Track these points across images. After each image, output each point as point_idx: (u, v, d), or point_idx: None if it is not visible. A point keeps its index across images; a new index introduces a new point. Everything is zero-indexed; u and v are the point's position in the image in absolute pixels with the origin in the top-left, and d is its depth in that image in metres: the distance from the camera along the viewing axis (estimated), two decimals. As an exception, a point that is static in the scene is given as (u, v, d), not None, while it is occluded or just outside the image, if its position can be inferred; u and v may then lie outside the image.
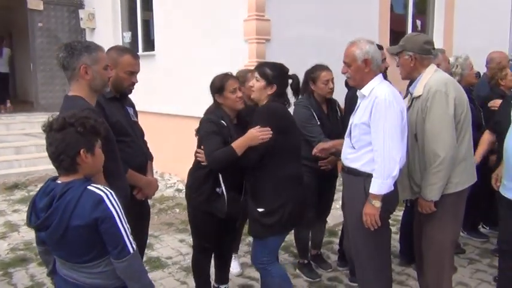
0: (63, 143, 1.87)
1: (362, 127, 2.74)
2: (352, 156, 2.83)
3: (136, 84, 2.90)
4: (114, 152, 2.38)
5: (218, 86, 3.13)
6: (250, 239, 4.43)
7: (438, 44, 8.31)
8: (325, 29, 6.30)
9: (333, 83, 3.76)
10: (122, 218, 1.89)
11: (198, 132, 3.21)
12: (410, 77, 3.01)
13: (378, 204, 2.68)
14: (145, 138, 3.12)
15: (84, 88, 2.36)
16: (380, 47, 3.97)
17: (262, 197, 2.89)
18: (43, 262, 2.23)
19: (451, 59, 4.31)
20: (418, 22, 8.62)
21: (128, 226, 1.92)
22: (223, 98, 3.13)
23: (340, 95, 3.90)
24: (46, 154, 2.10)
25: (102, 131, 2.00)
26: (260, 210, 2.87)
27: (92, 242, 1.89)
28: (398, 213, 4.23)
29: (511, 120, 3.10)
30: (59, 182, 1.94)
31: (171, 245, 4.78)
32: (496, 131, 3.59)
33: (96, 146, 1.97)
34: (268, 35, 6.08)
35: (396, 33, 8.08)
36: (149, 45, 8.43)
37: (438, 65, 3.85)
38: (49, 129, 1.91)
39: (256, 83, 2.98)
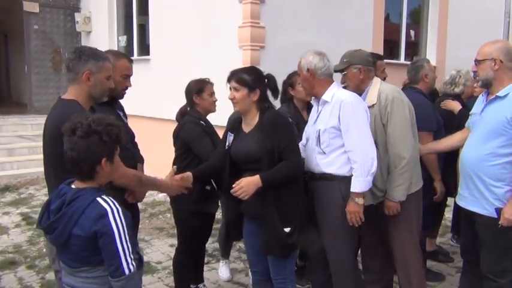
0: (86, 151, 1.82)
1: (331, 131, 2.81)
2: (324, 161, 2.86)
3: (130, 88, 2.92)
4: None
5: (198, 87, 3.37)
6: (241, 244, 4.46)
7: (432, 54, 8.41)
8: (320, 37, 6.34)
9: None
10: (122, 237, 1.83)
11: (180, 134, 3.32)
12: (359, 89, 3.09)
13: (361, 201, 2.79)
14: (139, 142, 3.14)
15: (82, 93, 2.38)
16: (380, 57, 4.03)
17: (289, 217, 2.75)
18: (50, 260, 2.24)
19: (453, 72, 4.33)
20: (412, 32, 8.70)
21: (129, 245, 1.86)
22: (201, 99, 3.38)
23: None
24: (38, 156, 2.11)
25: (124, 139, 1.98)
26: (287, 230, 2.72)
27: (92, 252, 1.85)
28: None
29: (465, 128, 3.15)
30: (73, 186, 1.91)
31: (162, 249, 4.78)
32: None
33: (115, 154, 1.95)
34: (263, 42, 6.12)
35: (390, 42, 8.16)
36: (144, 49, 8.45)
37: (426, 75, 3.91)
38: (71, 133, 1.84)
39: (238, 93, 2.76)
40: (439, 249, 4.66)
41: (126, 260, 1.84)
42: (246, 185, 2.64)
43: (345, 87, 3.10)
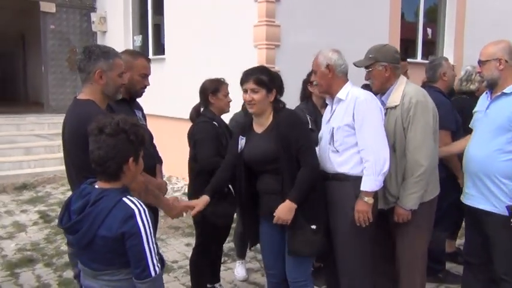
0: (114, 149, 1.81)
1: (345, 129, 2.76)
2: (337, 160, 2.81)
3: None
4: None
5: (214, 86, 3.37)
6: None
7: (449, 52, 8.29)
8: (335, 35, 6.29)
9: None
10: (149, 238, 1.82)
11: (193, 134, 3.33)
12: (384, 88, 2.99)
13: (370, 201, 2.73)
14: (154, 141, 3.14)
15: (96, 92, 2.39)
16: (403, 59, 3.96)
17: (316, 214, 2.75)
18: (71, 264, 2.22)
19: (468, 68, 4.23)
20: (429, 31, 8.59)
21: (155, 247, 1.85)
22: (217, 99, 3.37)
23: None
24: (55, 155, 2.11)
25: (147, 141, 1.97)
26: (313, 227, 2.73)
27: (117, 253, 1.83)
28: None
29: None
30: (96, 186, 1.89)
31: (177, 248, 4.79)
32: None
33: (140, 155, 1.94)
34: (278, 41, 6.10)
35: (406, 41, 8.07)
36: (159, 49, 8.48)
37: (444, 74, 3.85)
38: (99, 132, 1.83)
39: (257, 95, 2.72)
40: (459, 251, 4.58)
41: (153, 262, 1.83)
42: (283, 214, 2.66)
43: (366, 86, 3.05)
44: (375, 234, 2.87)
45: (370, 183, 2.71)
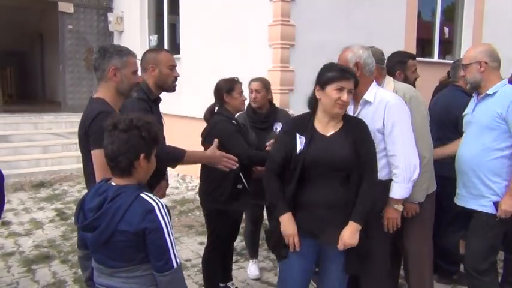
0: (126, 144, 1.85)
1: (375, 134, 2.68)
2: None
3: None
4: None
5: (228, 86, 3.39)
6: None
7: (466, 52, 8.18)
8: (350, 35, 6.25)
9: None
10: (170, 231, 1.85)
11: (212, 133, 3.28)
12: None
13: (400, 208, 2.73)
14: (169, 140, 3.15)
15: (111, 90, 2.43)
16: (412, 56, 3.93)
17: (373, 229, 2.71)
18: (81, 268, 2.20)
19: None
20: (446, 30, 8.49)
21: (174, 239, 1.89)
22: (232, 97, 3.38)
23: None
24: (71, 154, 2.15)
25: (160, 140, 2.00)
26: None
27: (136, 249, 1.85)
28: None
29: None
30: (112, 183, 1.92)
31: (191, 247, 4.81)
32: None
33: (153, 153, 1.95)
34: (293, 41, 6.09)
35: (423, 41, 7.98)
36: (175, 48, 8.53)
37: (463, 76, 3.80)
38: (113, 128, 1.87)
39: (350, 96, 2.52)
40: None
41: (174, 253, 1.86)
42: (349, 239, 2.43)
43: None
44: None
45: (400, 191, 2.70)
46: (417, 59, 4.18)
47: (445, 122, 3.69)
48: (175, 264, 1.86)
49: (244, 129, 3.48)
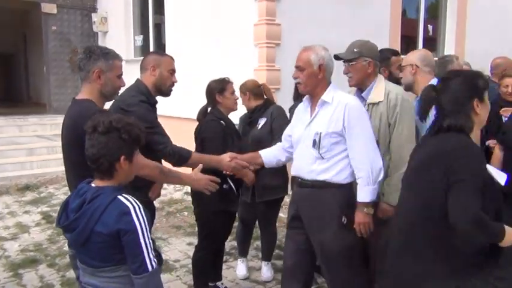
0: (106, 146, 1.86)
1: (333, 136, 2.64)
2: (321, 167, 2.69)
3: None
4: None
5: (220, 86, 3.41)
6: (258, 243, 4.45)
7: (450, 49, 8.28)
8: (336, 33, 6.28)
9: None
10: (145, 234, 1.85)
11: (200, 132, 3.35)
12: (363, 83, 2.96)
13: (371, 211, 2.67)
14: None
15: (94, 92, 2.43)
16: (396, 53, 3.97)
17: None
18: (72, 266, 2.22)
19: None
20: (430, 27, 8.58)
21: (151, 242, 1.88)
22: (224, 98, 3.40)
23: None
24: (57, 156, 2.14)
25: (143, 140, 2.00)
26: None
27: (114, 250, 1.86)
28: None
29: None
30: (92, 185, 1.93)
31: (179, 247, 4.80)
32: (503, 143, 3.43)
33: (135, 154, 1.96)
34: (278, 40, 6.10)
35: (407, 38, 8.05)
36: (160, 48, 8.49)
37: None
38: (92, 130, 1.88)
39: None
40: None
41: (149, 257, 1.86)
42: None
43: (349, 78, 2.98)
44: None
45: (367, 194, 2.65)
46: (402, 56, 4.21)
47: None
48: (150, 268, 1.85)
49: (234, 132, 3.47)
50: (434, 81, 3.04)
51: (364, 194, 2.65)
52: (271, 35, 6.04)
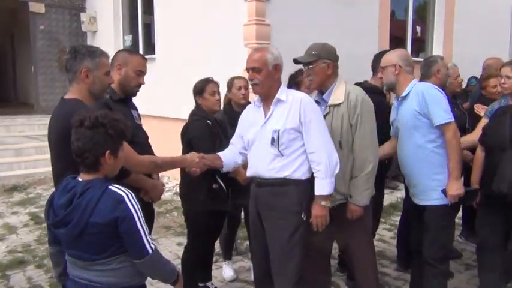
0: (91, 141, 1.89)
1: (291, 132, 2.68)
2: (280, 164, 2.70)
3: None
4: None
5: (199, 87, 3.42)
6: (247, 242, 4.46)
7: (438, 50, 8.36)
8: (325, 34, 6.27)
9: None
10: (141, 219, 1.91)
11: (186, 133, 3.34)
12: (324, 86, 2.97)
13: (328, 204, 2.72)
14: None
15: (83, 92, 2.41)
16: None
17: None
18: (53, 264, 2.22)
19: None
20: (418, 28, 8.65)
21: (146, 227, 1.94)
22: (203, 99, 3.40)
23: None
24: (45, 156, 2.12)
25: (128, 136, 2.04)
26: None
27: (109, 240, 1.90)
28: (396, 218, 4.23)
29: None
30: (79, 179, 1.95)
31: (169, 248, 4.79)
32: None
33: (120, 149, 2.00)
34: (268, 40, 6.10)
35: (396, 39, 8.11)
36: (150, 48, 8.46)
37: (438, 71, 3.90)
38: (79, 124, 1.91)
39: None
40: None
41: (147, 240, 1.93)
42: None
43: (309, 81, 3.01)
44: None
45: (325, 186, 2.68)
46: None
47: None
48: (150, 250, 1.93)
49: (220, 130, 3.48)
50: (415, 81, 3.08)
51: (322, 186, 2.69)
52: (261, 35, 6.04)
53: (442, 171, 2.97)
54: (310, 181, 2.74)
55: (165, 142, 4.76)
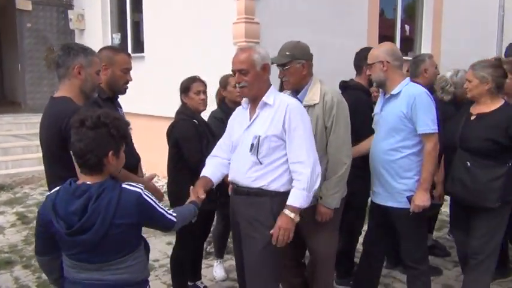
0: (94, 142, 1.86)
1: (273, 140, 2.50)
2: (258, 173, 2.53)
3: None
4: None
5: (184, 86, 3.38)
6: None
7: (426, 48, 8.41)
8: (314, 32, 6.31)
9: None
10: (158, 204, 2.02)
11: (172, 132, 3.32)
12: (299, 86, 2.88)
13: (297, 218, 2.47)
14: (135, 140, 3.11)
15: (74, 89, 2.38)
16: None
17: None
18: (46, 272, 2.15)
19: (447, 75, 3.99)
20: (407, 27, 8.70)
21: (162, 206, 2.07)
22: (188, 98, 3.35)
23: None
24: (33, 155, 2.10)
25: (129, 136, 2.04)
26: None
27: (130, 236, 1.95)
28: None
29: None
30: (88, 182, 1.90)
31: (158, 247, 4.76)
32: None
33: (121, 149, 1.99)
34: (257, 38, 6.09)
35: (385, 38, 8.14)
36: (139, 46, 8.41)
37: (425, 70, 3.90)
38: (80, 125, 1.88)
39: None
40: (436, 243, 4.67)
41: (169, 214, 2.10)
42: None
43: (284, 82, 2.90)
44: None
45: (300, 198, 2.46)
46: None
47: None
48: (174, 219, 2.11)
49: (207, 130, 3.43)
50: (407, 80, 3.02)
51: (297, 197, 2.46)
52: (250, 33, 6.03)
53: (410, 176, 2.94)
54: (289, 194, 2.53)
55: (153, 141, 4.73)
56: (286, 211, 2.47)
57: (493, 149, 2.95)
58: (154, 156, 4.70)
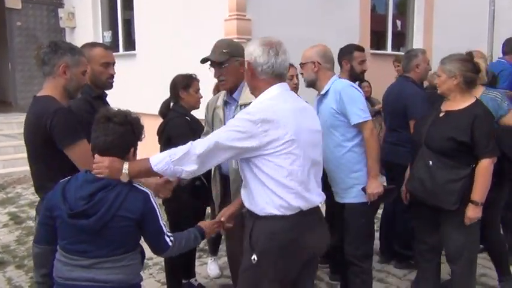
0: (122, 137, 1.96)
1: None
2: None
3: (116, 83, 2.88)
4: None
5: (185, 82, 3.36)
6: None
7: (418, 44, 8.43)
8: (306, 29, 6.32)
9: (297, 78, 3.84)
10: (161, 216, 2.02)
11: (166, 130, 3.30)
12: (236, 84, 2.79)
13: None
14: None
15: (58, 88, 2.36)
16: (360, 48, 4.00)
17: None
18: (37, 265, 2.14)
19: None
20: (398, 23, 8.72)
21: (165, 223, 2.04)
22: (188, 94, 3.35)
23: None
24: (25, 155, 2.10)
25: (142, 137, 2.11)
26: None
27: (129, 235, 1.96)
28: (379, 212, 4.25)
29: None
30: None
31: (152, 245, 4.75)
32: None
33: (136, 149, 2.09)
34: (249, 35, 6.08)
35: (377, 33, 8.17)
36: (130, 44, 8.37)
37: (417, 65, 3.91)
38: (106, 120, 1.95)
39: None
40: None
41: (167, 234, 2.05)
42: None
43: (221, 81, 2.80)
44: None
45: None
46: (371, 51, 4.27)
47: (395, 112, 3.83)
48: (170, 243, 2.04)
49: (199, 127, 3.38)
50: (335, 77, 3.05)
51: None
52: (241, 30, 6.02)
53: (359, 168, 2.97)
54: None
55: (145, 139, 4.70)
56: None
57: (455, 148, 2.80)
58: (145, 154, 4.69)
